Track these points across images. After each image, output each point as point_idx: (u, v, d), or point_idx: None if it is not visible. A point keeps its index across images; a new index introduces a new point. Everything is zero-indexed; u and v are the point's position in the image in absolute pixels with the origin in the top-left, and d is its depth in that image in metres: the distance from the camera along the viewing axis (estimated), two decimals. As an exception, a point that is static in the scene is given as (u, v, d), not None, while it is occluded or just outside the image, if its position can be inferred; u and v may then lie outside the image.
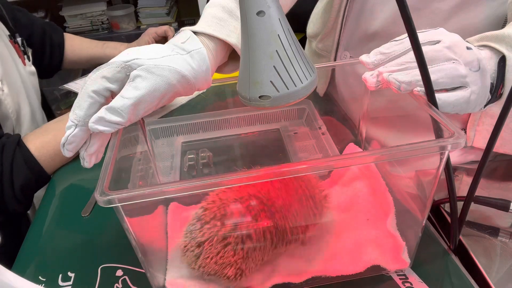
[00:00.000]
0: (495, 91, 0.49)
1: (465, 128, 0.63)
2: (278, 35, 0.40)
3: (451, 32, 0.48)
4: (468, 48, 0.47)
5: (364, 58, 0.50)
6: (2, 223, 0.84)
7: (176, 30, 1.48)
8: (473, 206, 0.51)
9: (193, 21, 2.12)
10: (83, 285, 0.55)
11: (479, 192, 0.49)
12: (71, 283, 0.56)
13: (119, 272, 0.56)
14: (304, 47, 0.94)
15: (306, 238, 0.54)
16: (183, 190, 0.38)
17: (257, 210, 0.48)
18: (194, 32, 0.49)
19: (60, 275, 0.57)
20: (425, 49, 0.42)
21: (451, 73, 0.45)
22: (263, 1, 0.39)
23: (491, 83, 0.48)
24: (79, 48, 1.19)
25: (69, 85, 1.13)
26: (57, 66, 1.18)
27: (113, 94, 0.45)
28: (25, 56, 0.98)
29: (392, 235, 0.54)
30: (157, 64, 0.44)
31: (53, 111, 1.19)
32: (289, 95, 0.41)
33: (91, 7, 1.97)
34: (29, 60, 1.00)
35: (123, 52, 0.45)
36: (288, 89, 0.41)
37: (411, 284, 0.51)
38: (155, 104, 0.45)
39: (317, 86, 0.48)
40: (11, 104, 0.87)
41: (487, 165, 0.45)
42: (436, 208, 0.61)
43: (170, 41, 0.48)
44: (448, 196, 0.48)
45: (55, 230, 0.66)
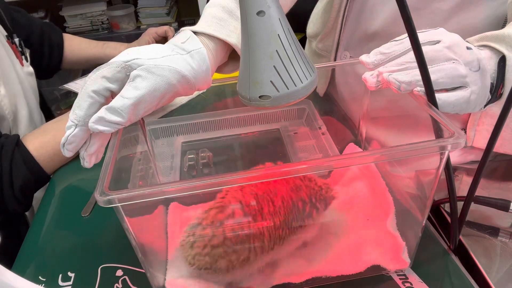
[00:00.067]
0: (495, 91, 0.49)
1: (465, 128, 0.63)
2: (278, 35, 0.40)
3: (451, 32, 0.48)
4: (468, 48, 0.47)
5: (364, 58, 0.50)
6: (2, 223, 0.84)
7: (176, 30, 1.48)
8: (473, 206, 0.51)
9: (193, 21, 2.12)
10: (83, 285, 0.55)
11: (479, 192, 0.49)
12: (71, 283, 0.56)
13: (119, 272, 0.56)
14: (304, 47, 0.94)
15: (307, 237, 0.54)
16: (183, 190, 0.38)
17: (256, 210, 0.48)
18: (194, 32, 0.49)
19: (60, 275, 0.57)
20: (425, 49, 0.42)
21: (451, 73, 0.45)
22: (263, 1, 0.38)
23: (491, 83, 0.48)
24: (78, 48, 1.18)
25: (69, 85, 1.13)
26: (56, 67, 1.18)
27: (113, 94, 0.45)
28: (22, 56, 0.97)
29: (392, 235, 0.54)
30: (157, 64, 0.44)
31: (52, 112, 1.19)
32: (289, 95, 0.41)
33: (91, 7, 1.97)
34: (26, 61, 0.99)
35: (123, 52, 0.45)
36: (288, 89, 0.41)
37: (411, 284, 0.51)
38: (155, 104, 0.45)
39: (317, 86, 0.48)
40: (8, 105, 0.86)
41: (487, 165, 0.45)
42: (436, 208, 0.61)
43: (170, 41, 0.48)
44: (448, 196, 0.48)
45: (55, 230, 0.66)
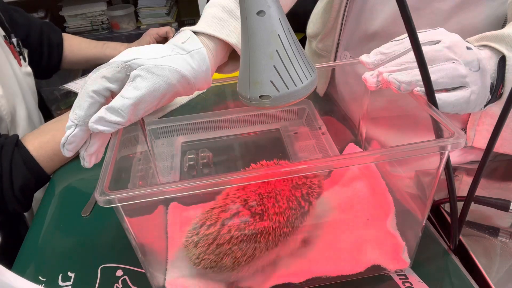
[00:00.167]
0: (495, 91, 0.49)
1: (465, 128, 0.63)
2: (278, 35, 0.40)
3: (451, 32, 0.48)
4: (468, 48, 0.47)
5: (364, 58, 0.50)
6: (2, 224, 0.84)
7: (176, 30, 1.48)
8: (473, 206, 0.50)
9: (193, 21, 2.12)
10: (83, 285, 0.55)
11: (479, 192, 0.49)
12: (71, 283, 0.56)
13: (119, 272, 0.56)
14: (304, 47, 0.94)
15: (310, 231, 0.54)
16: (183, 190, 0.38)
17: (260, 209, 0.48)
18: (194, 32, 0.49)
19: (60, 275, 0.57)
20: (425, 49, 0.42)
21: (451, 73, 0.45)
22: (263, 1, 0.38)
23: (491, 83, 0.48)
24: (78, 48, 1.18)
25: (69, 85, 1.13)
26: (56, 67, 1.17)
27: (113, 94, 0.45)
28: (20, 56, 0.97)
29: (392, 235, 0.54)
30: (157, 64, 0.44)
31: (51, 112, 1.19)
32: (289, 95, 0.41)
33: (91, 7, 1.97)
34: (25, 61, 0.99)
35: (123, 52, 0.45)
36: (288, 89, 0.41)
37: (411, 284, 0.51)
38: (155, 104, 0.45)
39: (317, 86, 0.48)
40: (5, 106, 0.85)
41: (487, 165, 0.45)
42: (436, 208, 0.61)
43: (170, 41, 0.48)
44: (448, 196, 0.48)
45: (55, 230, 0.66)
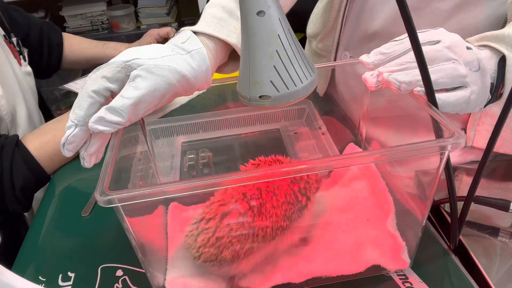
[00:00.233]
0: (495, 91, 0.49)
1: (465, 128, 0.63)
2: (278, 35, 0.40)
3: (451, 32, 0.48)
4: (468, 48, 0.47)
5: (364, 58, 0.50)
6: (2, 224, 0.84)
7: (176, 30, 1.48)
8: (473, 206, 0.50)
9: (193, 21, 2.12)
10: (83, 285, 0.55)
11: (479, 192, 0.49)
12: (71, 283, 0.56)
13: (119, 272, 0.56)
14: (304, 47, 0.94)
15: (306, 236, 0.54)
16: (183, 190, 0.38)
17: (259, 203, 0.48)
18: (194, 32, 0.49)
19: (60, 275, 0.57)
20: (425, 49, 0.42)
21: (451, 73, 0.45)
22: (263, 1, 0.38)
23: (491, 83, 0.48)
24: (78, 48, 1.18)
25: (69, 85, 1.13)
26: (56, 66, 1.17)
27: (113, 94, 0.44)
28: (20, 56, 0.97)
29: (392, 235, 0.54)
30: (157, 64, 0.44)
31: (51, 111, 1.19)
32: (289, 95, 0.41)
33: (91, 7, 1.97)
34: (25, 60, 0.99)
35: (123, 52, 0.45)
36: (288, 89, 0.41)
37: (411, 284, 0.51)
38: (155, 104, 0.45)
39: (317, 86, 0.48)
40: (5, 106, 0.85)
41: (487, 165, 0.45)
42: (436, 208, 0.61)
43: (170, 41, 0.48)
44: (448, 196, 0.48)
45: (55, 230, 0.66)
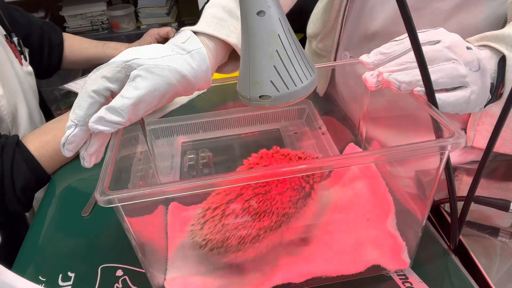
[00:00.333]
0: (495, 91, 0.49)
1: (465, 128, 0.63)
2: (278, 35, 0.40)
3: (451, 32, 0.48)
4: (468, 48, 0.47)
5: (364, 58, 0.50)
6: (2, 224, 0.84)
7: (176, 30, 1.48)
8: (473, 206, 0.50)
9: (193, 21, 2.12)
10: (83, 285, 0.55)
11: (479, 192, 0.49)
12: (71, 283, 0.56)
13: (119, 272, 0.56)
14: (304, 47, 0.94)
15: (307, 236, 0.54)
16: (183, 190, 0.38)
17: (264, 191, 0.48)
18: (194, 32, 0.49)
19: (60, 275, 0.57)
20: (425, 49, 0.42)
21: (451, 73, 0.45)
22: (263, 1, 0.38)
23: (491, 83, 0.48)
24: (78, 48, 1.18)
25: (69, 85, 1.13)
26: (56, 66, 1.17)
27: (113, 94, 0.45)
28: (21, 56, 0.97)
29: (392, 235, 0.54)
30: (157, 64, 0.44)
31: (52, 111, 1.19)
32: (289, 95, 0.41)
33: (91, 7, 1.97)
34: (26, 60, 0.98)
35: (123, 52, 0.45)
36: (288, 89, 0.41)
37: (411, 284, 0.51)
38: (155, 104, 0.45)
39: (317, 86, 0.48)
40: (6, 106, 0.85)
41: (487, 165, 0.45)
42: (436, 208, 0.61)
43: (170, 41, 0.48)
44: (448, 196, 0.48)
45: (55, 230, 0.66)
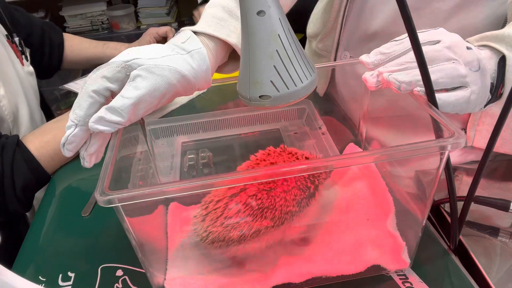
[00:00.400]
0: (495, 91, 0.49)
1: (465, 128, 0.63)
2: (278, 35, 0.40)
3: (451, 32, 0.48)
4: (468, 48, 0.47)
5: (364, 58, 0.50)
6: (2, 224, 0.84)
7: (176, 30, 1.48)
8: (473, 206, 0.50)
9: (193, 21, 2.12)
10: (83, 285, 0.55)
11: (479, 192, 0.49)
12: (71, 283, 0.56)
13: (119, 272, 0.56)
14: (304, 47, 0.94)
15: (307, 236, 0.54)
16: (183, 190, 0.38)
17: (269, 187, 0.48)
18: (194, 32, 0.49)
19: (60, 275, 0.57)
20: (425, 49, 0.42)
21: (451, 73, 0.45)
22: (263, 1, 0.38)
23: (491, 83, 0.48)
24: (78, 48, 1.18)
25: (69, 85, 1.13)
26: (56, 66, 1.17)
27: (113, 94, 0.45)
28: (23, 56, 0.97)
29: (392, 235, 0.54)
30: (157, 64, 0.44)
31: (52, 111, 1.19)
32: (289, 95, 0.41)
33: (91, 7, 1.97)
34: (27, 60, 0.99)
35: (123, 52, 0.45)
36: (288, 89, 0.41)
37: (411, 284, 0.51)
38: (155, 104, 0.45)
39: (317, 86, 0.48)
40: (7, 106, 0.85)
41: (487, 165, 0.45)
42: (436, 208, 0.61)
43: (170, 41, 0.48)
44: (448, 196, 0.48)
45: (55, 230, 0.66)
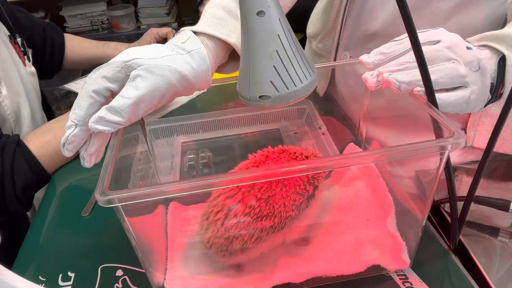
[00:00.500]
0: (495, 91, 0.49)
1: (465, 128, 0.63)
2: (278, 35, 0.40)
3: (451, 32, 0.48)
4: (468, 48, 0.47)
5: (364, 58, 0.50)
6: (2, 224, 0.84)
7: (176, 30, 1.48)
8: (473, 206, 0.50)
9: (193, 21, 2.12)
10: (83, 285, 0.55)
11: (479, 192, 0.49)
12: (71, 283, 0.56)
13: (119, 272, 0.56)
14: (304, 47, 0.94)
15: (306, 236, 0.54)
16: (183, 190, 0.38)
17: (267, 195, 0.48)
18: (194, 32, 0.49)
19: (60, 275, 0.57)
20: (425, 49, 0.42)
21: (451, 73, 0.45)
22: (263, 1, 0.38)
23: (491, 83, 0.48)
24: (79, 48, 1.18)
25: (69, 85, 1.13)
26: (57, 67, 1.18)
27: (113, 94, 0.45)
28: (25, 56, 0.97)
29: (392, 235, 0.54)
30: (157, 64, 0.44)
31: (53, 111, 1.19)
32: (289, 95, 0.41)
33: (91, 7, 1.97)
34: (29, 61, 0.99)
35: (123, 52, 0.45)
36: (288, 89, 0.41)
37: (411, 284, 0.51)
38: (155, 104, 0.45)
39: (317, 86, 0.48)
40: (9, 106, 0.86)
41: (487, 165, 0.45)
42: (436, 208, 0.61)
43: (170, 41, 0.48)
44: (448, 196, 0.48)
45: (55, 230, 0.66)
